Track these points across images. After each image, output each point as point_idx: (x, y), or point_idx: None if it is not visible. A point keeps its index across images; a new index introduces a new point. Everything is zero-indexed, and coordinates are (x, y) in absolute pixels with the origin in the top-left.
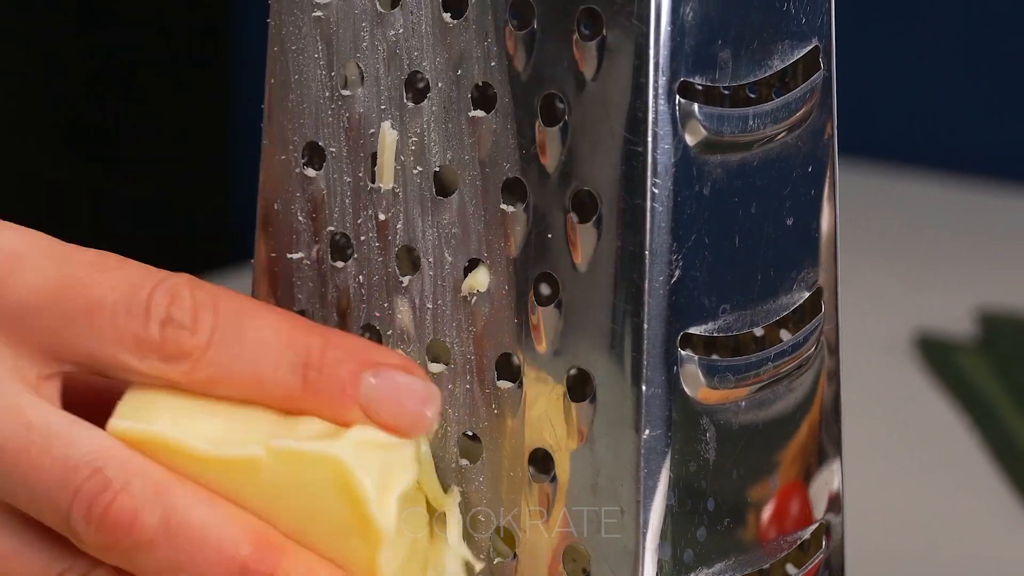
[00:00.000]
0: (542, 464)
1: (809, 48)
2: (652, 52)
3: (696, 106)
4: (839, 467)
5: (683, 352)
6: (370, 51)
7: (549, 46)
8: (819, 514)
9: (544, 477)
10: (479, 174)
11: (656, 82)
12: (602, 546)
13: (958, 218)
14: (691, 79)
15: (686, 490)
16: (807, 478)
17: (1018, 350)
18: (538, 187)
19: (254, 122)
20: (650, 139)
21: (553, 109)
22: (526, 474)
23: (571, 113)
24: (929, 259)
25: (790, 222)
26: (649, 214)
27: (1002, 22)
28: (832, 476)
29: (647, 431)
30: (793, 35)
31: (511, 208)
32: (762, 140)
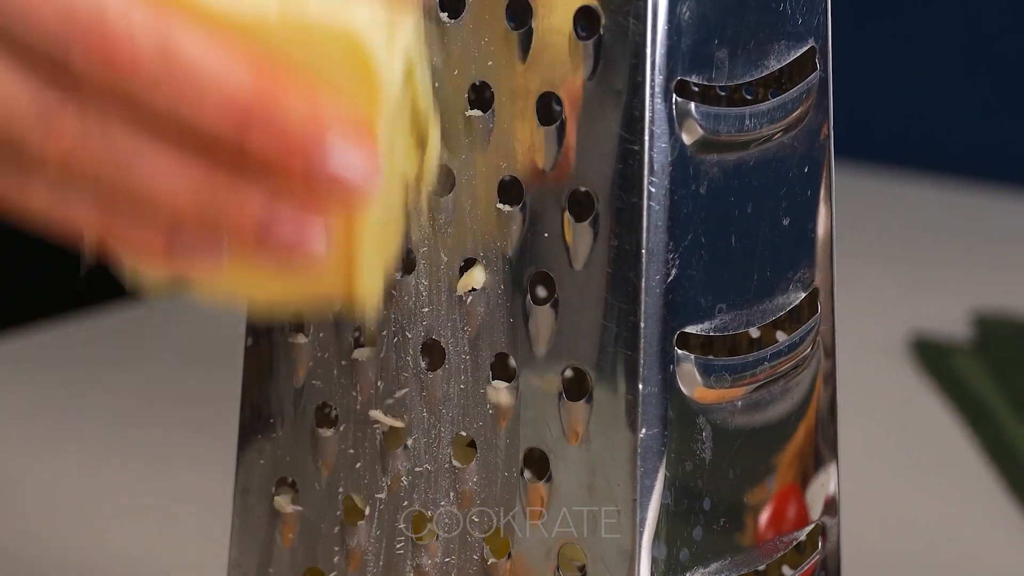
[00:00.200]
0: (538, 464)
1: (805, 49)
2: (649, 51)
3: (693, 105)
4: (835, 468)
5: (679, 351)
6: None
7: (546, 45)
8: (815, 515)
9: (540, 477)
10: (476, 174)
11: (653, 81)
12: (598, 546)
13: (954, 220)
14: (688, 78)
15: (682, 490)
16: (803, 479)
17: (1014, 352)
18: (534, 186)
19: None
20: (647, 138)
21: (550, 108)
22: (522, 474)
23: (568, 112)
24: (925, 261)
25: (786, 222)
26: (645, 213)
27: (998, 24)
28: (828, 477)
29: (643, 430)
30: (789, 35)
31: (507, 207)
32: (758, 140)
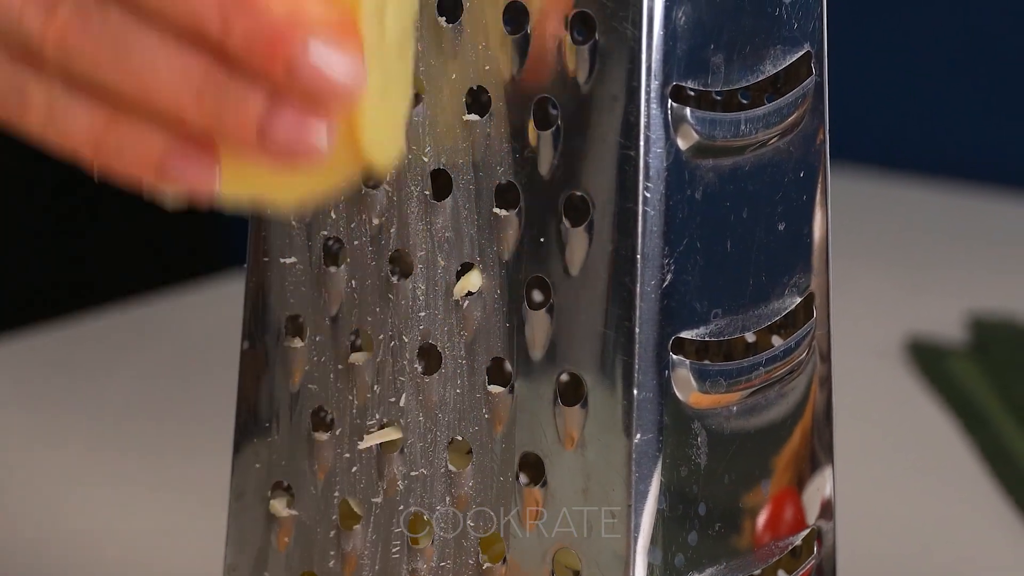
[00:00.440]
0: (533, 469)
1: (801, 53)
2: (644, 56)
3: (688, 110)
4: (831, 472)
5: (675, 356)
6: None
7: (542, 50)
8: (811, 519)
9: (535, 482)
10: (472, 178)
11: (648, 86)
12: (593, 551)
13: (950, 223)
14: (683, 83)
15: (677, 495)
16: (799, 483)
17: (1010, 355)
18: (531, 191)
19: None
20: (642, 143)
21: (546, 113)
22: (517, 479)
23: (564, 117)
24: (921, 264)
25: (782, 227)
26: (641, 218)
27: (993, 28)
28: (824, 481)
29: (638, 435)
30: (785, 40)
31: (504, 212)
32: (754, 145)
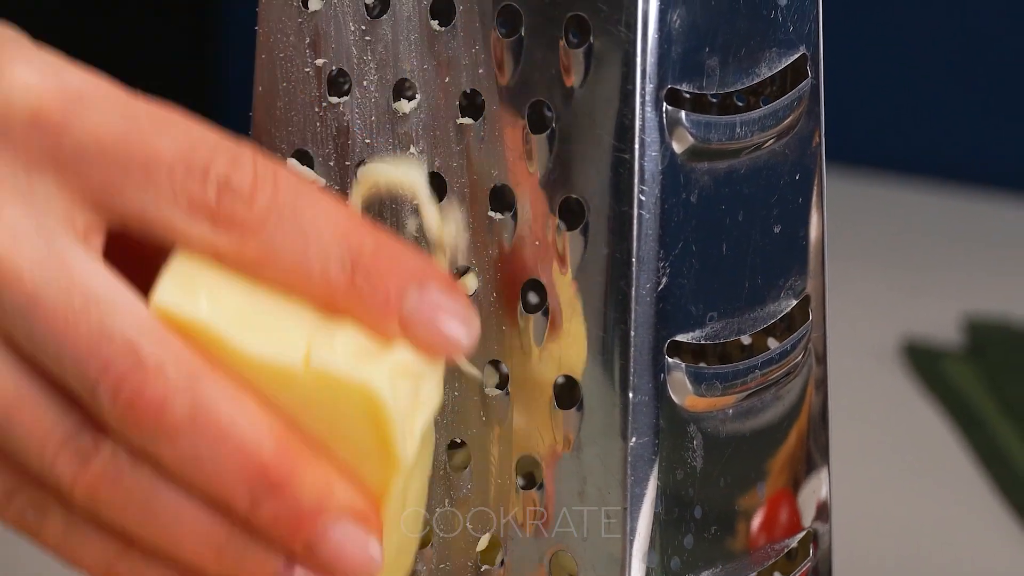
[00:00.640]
0: (529, 472)
1: (797, 56)
2: (639, 59)
3: (683, 113)
4: (827, 475)
5: (670, 359)
6: (358, 59)
7: (537, 53)
8: (807, 522)
9: (531, 485)
10: (467, 181)
11: (643, 89)
12: (589, 554)
13: (946, 225)
14: (678, 86)
15: (673, 498)
16: (795, 486)
17: (1005, 357)
18: (525, 194)
19: (242, 130)
20: (637, 146)
21: (541, 116)
22: (514, 482)
23: (559, 120)
24: (917, 266)
25: (777, 230)
26: (636, 221)
27: (990, 30)
28: (820, 484)
29: (634, 438)
30: (781, 43)
31: (499, 215)
32: (749, 148)
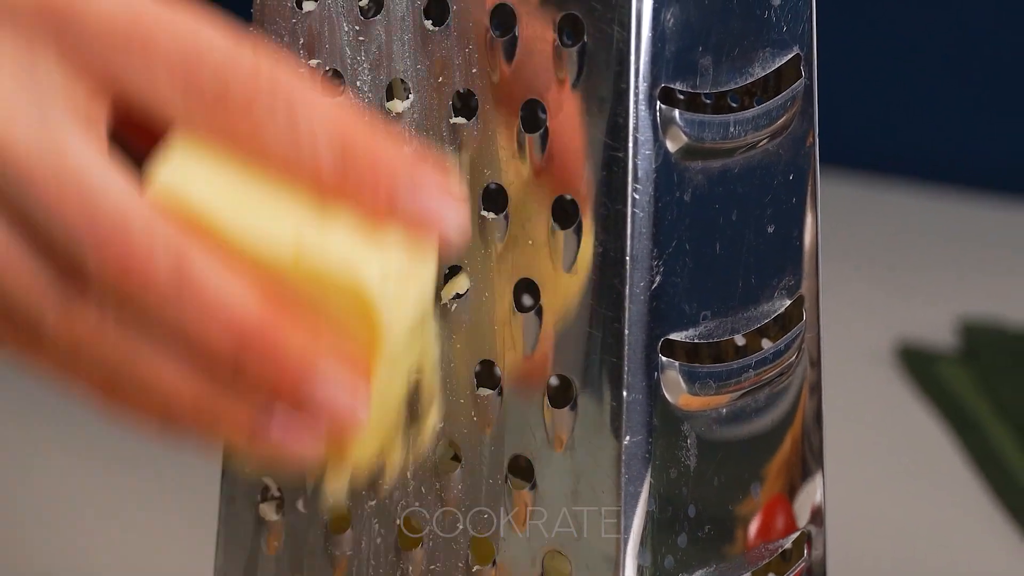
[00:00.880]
0: (522, 471)
1: (790, 56)
2: (633, 58)
3: (677, 112)
4: (821, 476)
5: (664, 358)
6: (352, 59)
7: (530, 53)
8: (801, 523)
9: (524, 484)
10: (460, 181)
11: (637, 88)
12: (582, 553)
13: (940, 227)
14: (672, 85)
15: (667, 497)
16: (788, 486)
17: (1000, 360)
18: (519, 193)
19: None
20: (631, 145)
21: (534, 116)
22: (506, 482)
23: (552, 120)
24: (911, 268)
25: (771, 229)
26: (630, 220)
27: (984, 31)
28: (814, 485)
29: (627, 437)
30: (774, 43)
31: (492, 215)
32: (743, 147)
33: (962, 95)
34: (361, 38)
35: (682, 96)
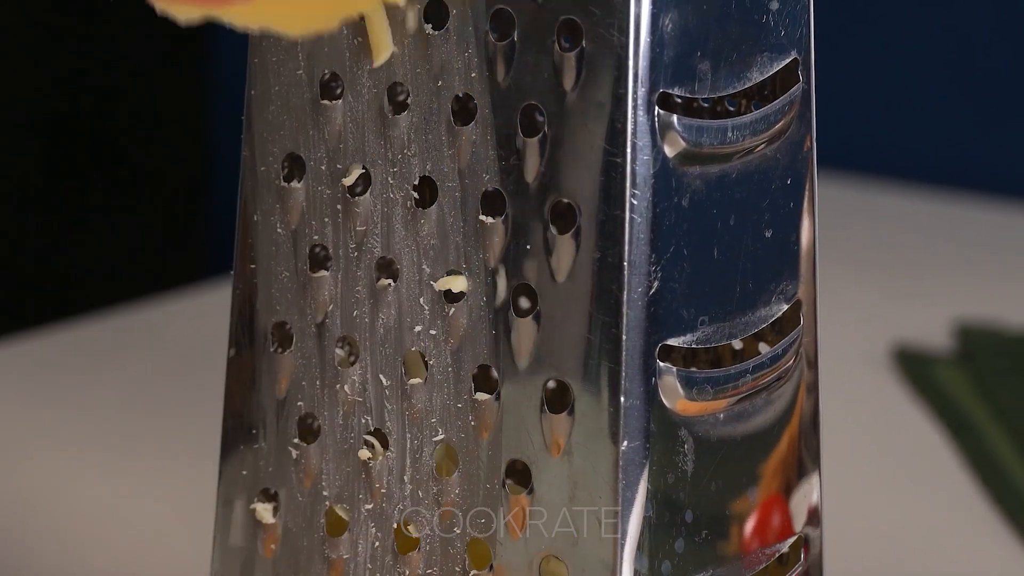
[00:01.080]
0: (519, 476)
1: (788, 60)
2: (631, 64)
3: (675, 117)
4: (818, 480)
5: (661, 364)
6: (351, 62)
7: (529, 57)
8: (798, 527)
9: (521, 489)
10: (458, 185)
11: (635, 93)
12: (579, 558)
13: (937, 231)
14: (670, 91)
15: (664, 502)
16: (786, 491)
17: (996, 363)
18: (517, 198)
19: (234, 133)
20: (629, 150)
21: (533, 120)
22: (503, 486)
23: (550, 124)
24: (908, 271)
25: (769, 234)
26: (628, 225)
27: (981, 36)
28: (811, 489)
29: (625, 443)
30: (772, 47)
31: (490, 219)
32: (741, 152)
33: (959, 99)
34: (360, 40)
35: (680, 101)
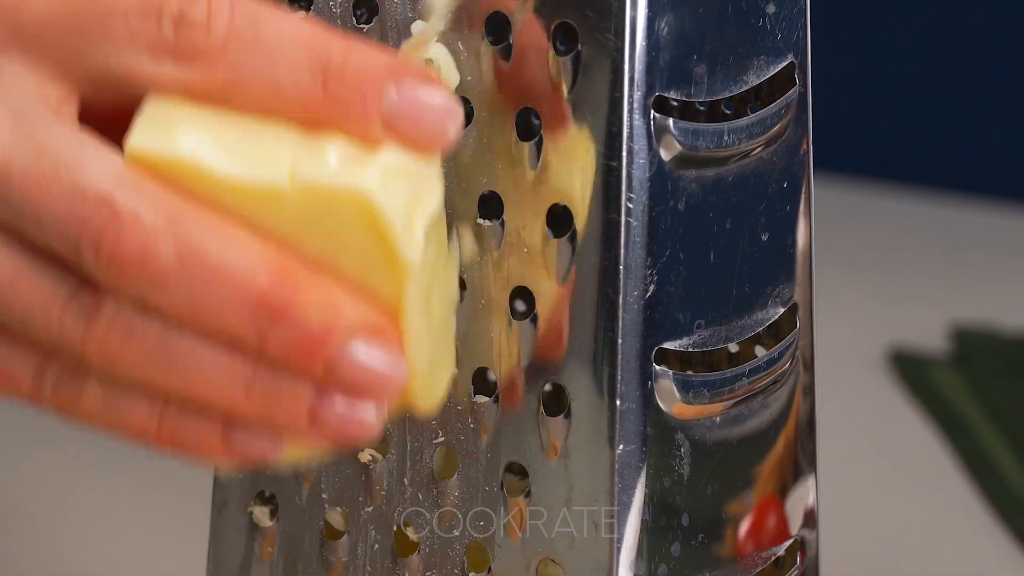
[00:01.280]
0: (517, 478)
1: (784, 64)
2: (627, 67)
3: (671, 121)
4: (814, 482)
5: (658, 367)
6: None
7: (525, 61)
8: (794, 529)
9: (519, 492)
10: (455, 188)
11: (631, 97)
12: (576, 561)
13: (932, 233)
14: (666, 94)
15: (660, 505)
16: (782, 494)
17: (992, 365)
18: (513, 201)
19: None
20: (625, 154)
21: (528, 124)
22: (501, 489)
23: (546, 128)
24: (903, 274)
25: (765, 237)
26: (624, 229)
27: (976, 39)
28: (807, 491)
29: (621, 446)
30: (768, 51)
31: (487, 222)
32: (737, 155)
33: (956, 102)
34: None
35: (676, 104)
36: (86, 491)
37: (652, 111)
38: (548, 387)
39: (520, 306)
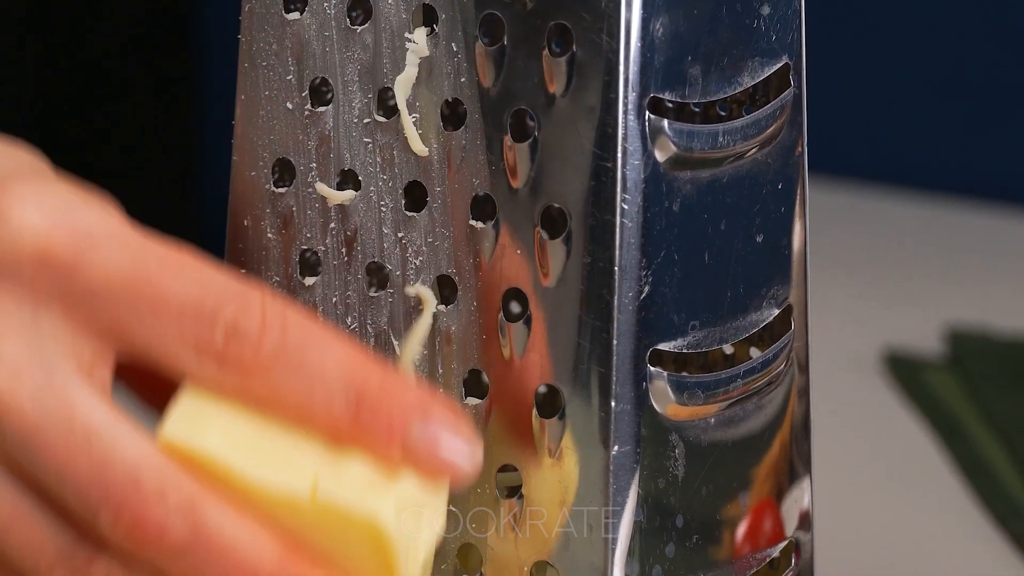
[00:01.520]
0: (511, 480)
1: (779, 65)
2: (622, 68)
3: (666, 122)
4: (808, 484)
5: (652, 368)
6: (340, 67)
7: (519, 62)
8: (789, 531)
9: (512, 494)
10: (448, 190)
11: (626, 98)
12: (570, 563)
13: (927, 235)
14: (661, 95)
15: (655, 506)
16: (776, 495)
17: (986, 367)
18: (507, 203)
19: (224, 138)
20: (620, 155)
21: (523, 125)
22: (494, 491)
23: (541, 129)
24: (898, 276)
25: (760, 239)
26: (618, 230)
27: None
28: (802, 493)
29: (616, 447)
30: (763, 52)
31: (480, 224)
32: (732, 157)
33: (950, 105)
34: (350, 46)
35: (671, 106)
36: None
37: (647, 112)
38: (542, 389)
39: (514, 308)
